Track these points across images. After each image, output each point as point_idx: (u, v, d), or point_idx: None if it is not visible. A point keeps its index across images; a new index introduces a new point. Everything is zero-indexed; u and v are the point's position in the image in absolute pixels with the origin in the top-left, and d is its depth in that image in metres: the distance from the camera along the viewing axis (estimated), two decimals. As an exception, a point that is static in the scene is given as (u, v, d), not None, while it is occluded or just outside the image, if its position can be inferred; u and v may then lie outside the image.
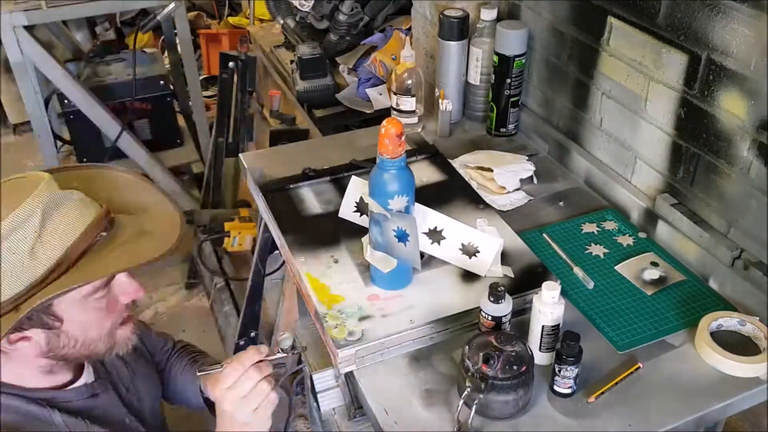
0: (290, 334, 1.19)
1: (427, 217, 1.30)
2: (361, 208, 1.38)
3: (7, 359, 1.00)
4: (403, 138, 1.12)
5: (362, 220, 1.36)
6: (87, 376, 1.13)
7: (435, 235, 1.30)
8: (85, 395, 1.10)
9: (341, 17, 2.62)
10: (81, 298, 0.98)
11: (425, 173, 1.55)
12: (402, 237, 1.16)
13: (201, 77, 4.02)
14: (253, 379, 1.08)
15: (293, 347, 1.16)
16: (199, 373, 1.13)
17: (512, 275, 1.26)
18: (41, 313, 0.94)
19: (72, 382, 1.10)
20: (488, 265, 1.27)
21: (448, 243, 1.30)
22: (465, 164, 1.61)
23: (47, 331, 0.98)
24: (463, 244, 1.29)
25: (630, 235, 1.42)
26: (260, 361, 1.10)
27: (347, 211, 1.40)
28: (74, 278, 0.94)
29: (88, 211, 0.99)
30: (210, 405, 1.27)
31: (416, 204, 1.25)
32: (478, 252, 1.28)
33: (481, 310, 1.13)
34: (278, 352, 1.14)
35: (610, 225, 1.45)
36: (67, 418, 1.04)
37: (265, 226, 1.69)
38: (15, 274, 0.91)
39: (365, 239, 1.26)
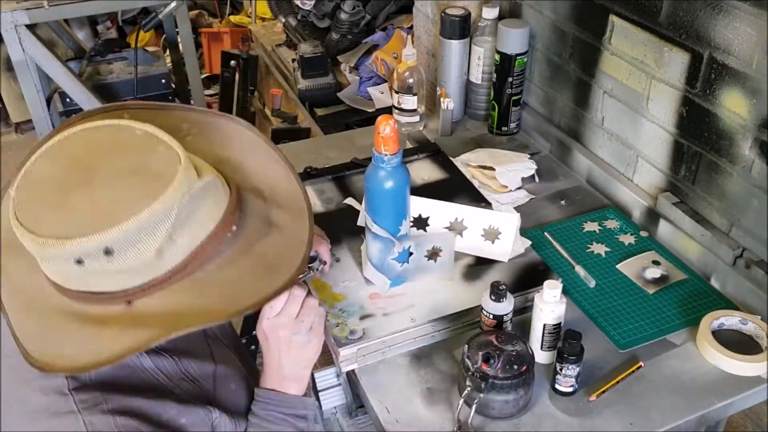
0: (318, 252, 1.17)
1: (446, 210, 1.30)
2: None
3: None
4: (386, 133, 1.09)
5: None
6: None
7: (457, 225, 1.30)
8: None
9: (343, 16, 2.62)
10: None
11: (427, 172, 1.55)
12: (433, 255, 1.21)
13: (202, 76, 4.02)
14: (299, 298, 1.00)
15: (316, 258, 1.13)
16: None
17: (530, 243, 1.30)
18: None
19: None
20: (510, 247, 1.27)
21: (470, 232, 1.30)
22: (467, 163, 1.61)
23: None
24: (484, 229, 1.29)
25: (631, 234, 1.42)
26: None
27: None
28: (195, 286, 0.83)
29: (220, 201, 0.86)
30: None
31: (434, 200, 1.26)
32: (500, 234, 1.29)
33: (482, 308, 1.13)
34: (305, 271, 1.09)
35: (611, 224, 1.45)
36: (155, 358, 0.94)
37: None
38: (136, 272, 0.80)
39: (363, 249, 1.26)
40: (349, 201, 1.44)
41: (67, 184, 0.79)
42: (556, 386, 1.08)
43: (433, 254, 1.23)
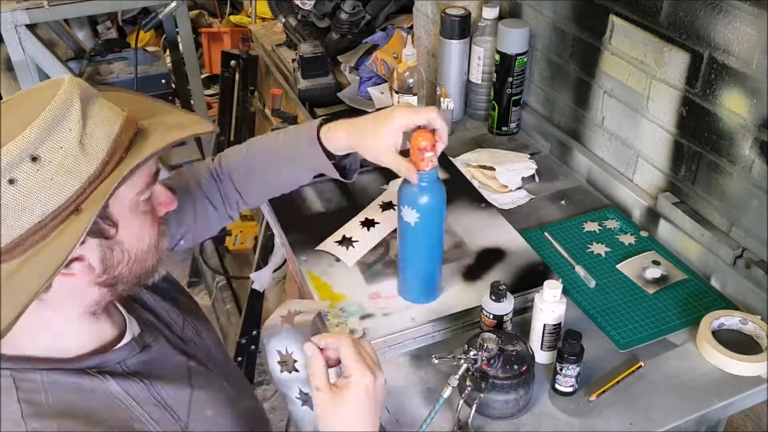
0: None
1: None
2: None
3: (45, 306, 0.84)
4: (425, 152, 1.04)
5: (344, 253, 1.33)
6: (132, 328, 0.98)
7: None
8: (137, 350, 0.95)
9: (343, 16, 2.61)
10: (134, 198, 0.88)
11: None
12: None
13: (202, 76, 4.02)
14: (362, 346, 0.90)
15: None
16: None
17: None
18: (98, 217, 0.82)
19: (117, 339, 0.95)
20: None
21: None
22: (467, 163, 1.61)
23: (102, 242, 0.85)
24: None
25: (631, 234, 1.42)
26: None
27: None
28: (131, 161, 0.84)
29: (116, 109, 0.89)
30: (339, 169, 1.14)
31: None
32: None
33: (482, 308, 1.13)
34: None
35: (611, 224, 1.45)
36: (124, 383, 0.90)
37: (267, 224, 1.69)
38: (69, 171, 0.79)
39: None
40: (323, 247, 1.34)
41: None
42: (556, 386, 1.08)
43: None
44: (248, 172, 1.18)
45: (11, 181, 0.76)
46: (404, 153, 1.08)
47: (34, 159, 0.77)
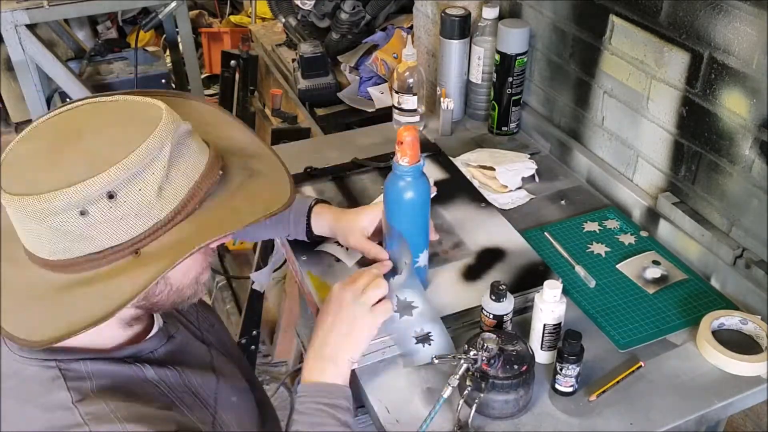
0: None
1: None
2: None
3: None
4: (402, 144, 1.07)
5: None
6: (158, 321, 1.02)
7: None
8: (164, 340, 0.99)
9: (343, 16, 2.62)
10: None
11: (427, 172, 1.54)
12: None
13: (202, 76, 4.02)
14: (372, 274, 1.05)
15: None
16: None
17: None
18: None
19: (146, 331, 0.98)
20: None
21: None
22: (467, 163, 1.61)
23: None
24: None
25: (631, 234, 1.42)
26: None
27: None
28: (203, 223, 0.84)
29: (203, 147, 0.88)
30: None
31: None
32: None
33: (482, 308, 1.13)
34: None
35: (611, 223, 1.45)
36: (159, 370, 0.93)
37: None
38: (139, 215, 0.79)
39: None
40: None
41: (56, 146, 0.79)
42: (556, 386, 1.08)
43: (424, 338, 1.13)
44: None
45: (83, 213, 0.77)
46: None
47: (111, 197, 0.77)
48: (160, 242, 0.81)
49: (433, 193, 1.18)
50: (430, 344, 1.12)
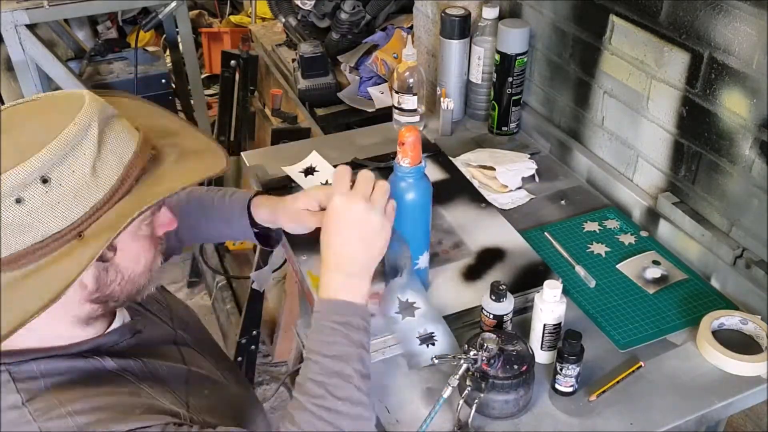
0: None
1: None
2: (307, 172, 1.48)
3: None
4: (404, 145, 1.06)
5: (306, 182, 1.44)
6: (123, 316, 1.00)
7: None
8: (128, 335, 0.97)
9: (343, 16, 2.62)
10: (137, 223, 0.88)
11: (427, 172, 1.54)
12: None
13: (202, 76, 4.02)
14: (371, 179, 0.97)
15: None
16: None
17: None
18: None
19: (109, 327, 0.97)
20: None
21: None
22: (467, 163, 1.61)
23: (98, 264, 0.86)
24: None
25: (632, 234, 1.42)
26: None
27: (294, 171, 1.47)
28: (141, 197, 0.83)
29: (132, 130, 0.87)
30: (260, 237, 1.23)
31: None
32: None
33: (482, 308, 1.13)
34: None
35: (611, 223, 1.45)
36: (120, 361, 0.91)
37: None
38: (77, 196, 0.79)
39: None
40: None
41: None
42: (556, 386, 1.08)
43: (427, 339, 1.13)
44: (182, 216, 1.14)
45: (18, 201, 0.76)
46: None
47: (44, 181, 0.77)
48: (101, 223, 0.81)
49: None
50: (434, 344, 1.12)
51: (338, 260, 0.98)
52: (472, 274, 1.27)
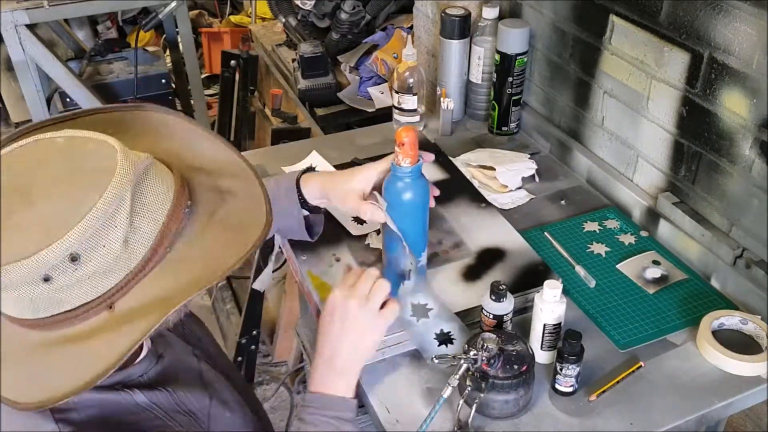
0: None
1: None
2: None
3: None
4: (404, 145, 1.07)
5: None
6: (147, 342, 0.97)
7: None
8: (153, 361, 0.96)
9: (343, 16, 2.62)
10: None
11: (427, 172, 1.53)
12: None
13: (202, 76, 4.02)
14: (373, 277, 1.01)
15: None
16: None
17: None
18: None
19: (135, 355, 0.95)
20: None
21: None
22: (467, 163, 1.61)
23: None
24: None
25: (632, 234, 1.42)
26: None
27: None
28: (176, 272, 0.80)
29: (167, 180, 0.82)
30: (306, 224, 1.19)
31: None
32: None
33: (482, 308, 1.13)
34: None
35: (611, 223, 1.45)
36: (149, 393, 0.90)
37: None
38: (107, 271, 0.75)
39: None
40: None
41: (6, 211, 0.74)
42: (556, 386, 1.08)
43: (445, 338, 1.14)
44: None
45: (46, 279, 0.73)
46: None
47: (73, 259, 0.73)
48: (134, 295, 0.78)
49: (436, 193, 1.17)
50: (452, 343, 1.12)
51: (333, 357, 1.02)
52: (472, 274, 1.27)
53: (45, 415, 0.82)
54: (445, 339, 1.13)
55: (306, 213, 1.20)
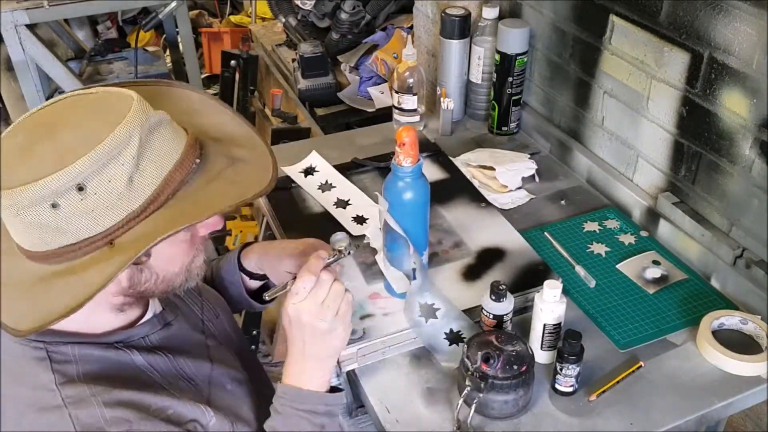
0: (345, 234, 1.14)
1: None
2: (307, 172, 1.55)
3: None
4: (405, 146, 1.08)
5: (306, 182, 1.51)
6: (154, 307, 1.02)
7: None
8: (158, 326, 0.99)
9: (343, 16, 2.62)
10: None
11: (427, 172, 1.53)
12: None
13: (202, 76, 4.02)
14: (327, 283, 0.99)
15: (348, 246, 1.06)
16: (267, 298, 1.05)
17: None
18: None
19: (141, 317, 0.99)
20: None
21: None
22: (467, 163, 1.61)
23: (132, 266, 0.87)
24: None
25: (632, 234, 1.42)
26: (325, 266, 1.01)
27: (294, 171, 1.51)
28: (176, 212, 0.84)
29: (179, 135, 0.87)
30: (252, 295, 1.23)
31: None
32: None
33: (482, 308, 1.13)
34: (335, 254, 1.03)
35: (611, 223, 1.45)
36: (148, 356, 0.94)
37: (267, 224, 1.69)
38: (110, 206, 0.80)
39: (379, 251, 1.26)
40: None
41: (30, 141, 0.81)
42: (556, 386, 1.08)
43: (455, 338, 1.15)
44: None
45: (54, 206, 0.78)
46: None
47: (80, 189, 0.78)
48: (134, 233, 0.82)
49: None
50: (463, 341, 1.12)
51: (299, 359, 1.01)
52: (472, 273, 1.27)
53: (44, 364, 0.86)
54: (455, 338, 1.14)
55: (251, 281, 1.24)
